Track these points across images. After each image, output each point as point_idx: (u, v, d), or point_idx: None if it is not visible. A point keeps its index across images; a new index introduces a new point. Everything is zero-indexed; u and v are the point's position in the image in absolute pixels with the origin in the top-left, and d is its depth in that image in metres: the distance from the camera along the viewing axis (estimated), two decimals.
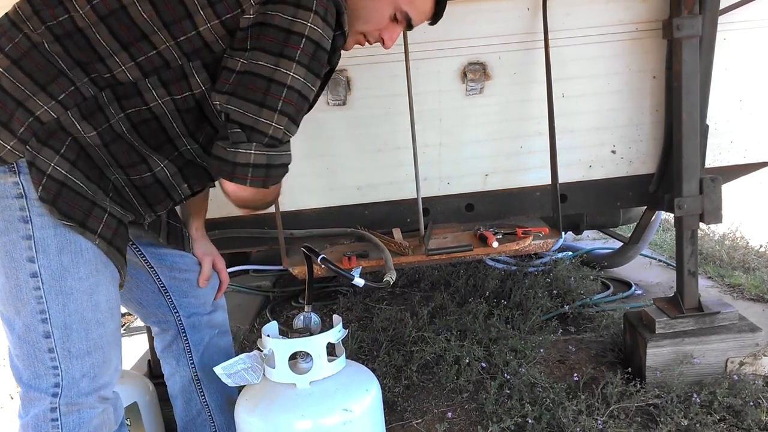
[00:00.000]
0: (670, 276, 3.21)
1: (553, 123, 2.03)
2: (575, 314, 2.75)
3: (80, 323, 1.16)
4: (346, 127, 2.07)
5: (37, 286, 1.13)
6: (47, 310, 1.14)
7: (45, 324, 1.14)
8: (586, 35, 2.03)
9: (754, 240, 3.67)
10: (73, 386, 1.17)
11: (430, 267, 3.24)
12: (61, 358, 1.16)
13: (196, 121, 1.19)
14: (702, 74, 1.95)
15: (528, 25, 2.02)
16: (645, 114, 2.13)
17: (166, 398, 1.79)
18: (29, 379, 1.17)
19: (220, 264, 1.63)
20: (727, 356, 2.01)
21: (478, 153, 2.13)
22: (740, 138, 2.20)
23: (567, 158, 2.11)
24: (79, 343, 1.16)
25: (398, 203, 2.15)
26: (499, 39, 2.02)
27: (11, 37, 1.11)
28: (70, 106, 1.10)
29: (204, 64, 1.13)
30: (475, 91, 2.05)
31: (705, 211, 2.01)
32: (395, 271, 1.73)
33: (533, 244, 2.03)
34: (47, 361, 1.15)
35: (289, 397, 1.37)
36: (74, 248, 1.14)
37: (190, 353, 1.57)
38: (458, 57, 2.03)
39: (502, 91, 2.07)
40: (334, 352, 1.46)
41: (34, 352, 1.15)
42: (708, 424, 1.78)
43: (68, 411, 1.17)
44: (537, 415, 1.88)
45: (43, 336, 1.14)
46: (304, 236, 2.12)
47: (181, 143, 1.22)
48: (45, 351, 1.15)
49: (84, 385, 1.18)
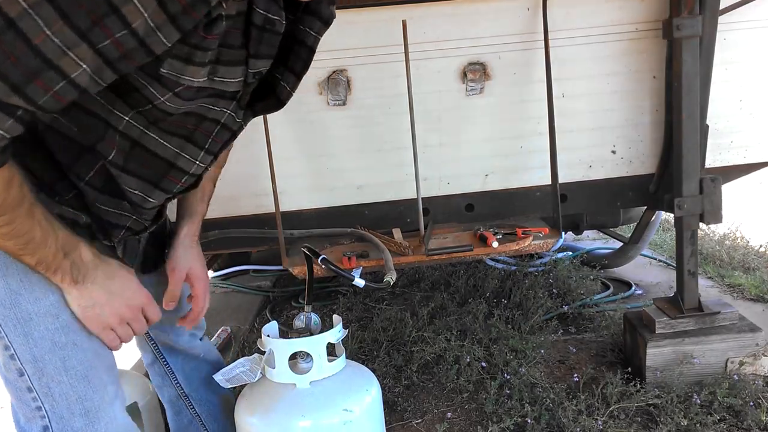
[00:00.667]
0: (670, 276, 3.21)
1: (553, 123, 2.03)
2: (575, 314, 2.75)
3: (52, 352, 0.98)
4: (346, 127, 2.07)
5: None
6: (11, 345, 0.97)
7: (14, 360, 0.97)
8: (586, 35, 2.03)
9: (755, 240, 3.67)
10: (66, 428, 1.00)
11: (430, 267, 3.25)
12: (42, 397, 0.99)
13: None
14: (702, 74, 1.95)
15: (528, 25, 2.02)
16: (645, 114, 2.14)
17: None
18: (24, 422, 1.02)
19: (198, 286, 1.30)
20: (728, 356, 2.01)
21: (478, 153, 2.13)
22: (740, 138, 2.20)
23: (567, 158, 2.11)
24: (58, 376, 0.98)
25: (398, 203, 2.15)
26: (499, 39, 2.02)
27: None
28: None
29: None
30: (475, 91, 2.05)
31: (705, 211, 2.01)
32: (395, 272, 1.73)
33: (533, 244, 2.03)
34: (30, 402, 0.99)
35: (289, 397, 1.37)
36: (19, 267, 0.94)
37: (173, 374, 1.43)
38: (458, 57, 2.03)
39: (502, 91, 2.07)
40: (334, 352, 1.46)
41: (16, 392, 1.00)
42: (708, 424, 1.78)
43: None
44: (537, 415, 1.88)
45: (18, 374, 0.98)
46: (304, 236, 2.12)
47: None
48: (25, 390, 0.99)
49: (78, 425, 1.01)
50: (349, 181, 2.13)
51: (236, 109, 1.06)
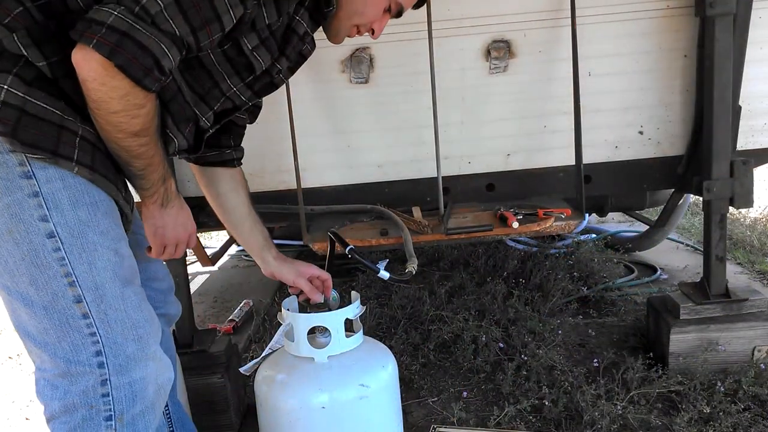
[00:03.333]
0: (697, 261, 3.15)
1: (579, 102, 1.99)
2: (597, 298, 2.72)
3: (112, 281, 1.05)
4: (368, 105, 2.06)
5: (57, 246, 1.00)
6: (73, 272, 1.01)
7: (73, 287, 1.02)
8: (615, 12, 1.97)
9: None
10: (119, 353, 1.05)
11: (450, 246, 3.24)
12: (98, 323, 1.03)
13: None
14: (735, 53, 1.88)
15: (554, 1, 1.97)
16: (675, 94, 2.07)
17: (190, 368, 1.84)
18: (67, 352, 1.03)
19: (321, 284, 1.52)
20: (755, 344, 1.97)
21: (500, 132, 2.10)
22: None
23: (592, 138, 2.07)
24: (116, 303, 1.05)
25: (418, 182, 2.14)
26: (524, 16, 1.97)
27: None
28: (18, 28, 0.98)
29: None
30: (499, 69, 2.02)
31: (735, 194, 1.95)
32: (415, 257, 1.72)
33: (555, 225, 2.00)
34: (83, 328, 1.03)
35: (307, 370, 1.39)
36: (88, 200, 1.03)
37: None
38: (482, 35, 1.99)
39: (526, 69, 2.03)
40: (351, 328, 1.48)
41: (66, 320, 1.02)
42: (732, 412, 1.75)
43: (119, 383, 1.05)
44: (554, 397, 1.88)
45: (74, 301, 1.02)
46: (324, 212, 2.13)
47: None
48: (79, 317, 1.03)
49: (131, 350, 1.06)
50: (370, 159, 2.12)
51: (243, 89, 1.26)
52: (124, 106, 0.97)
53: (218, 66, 1.18)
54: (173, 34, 0.97)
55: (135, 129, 1.01)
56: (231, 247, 3.76)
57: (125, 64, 0.93)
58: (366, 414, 1.38)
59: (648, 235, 3.25)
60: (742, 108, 2.00)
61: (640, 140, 2.12)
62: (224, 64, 1.18)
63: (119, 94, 0.96)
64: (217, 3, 1.00)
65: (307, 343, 1.41)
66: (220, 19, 1.02)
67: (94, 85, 0.95)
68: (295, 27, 1.20)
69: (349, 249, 1.51)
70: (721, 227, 2.01)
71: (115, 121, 0.99)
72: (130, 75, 0.94)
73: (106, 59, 0.92)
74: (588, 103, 2.02)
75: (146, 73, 0.95)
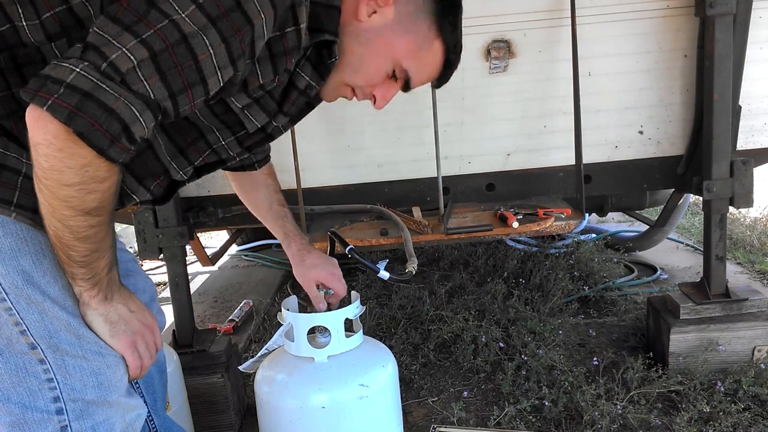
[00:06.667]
0: (698, 261, 3.15)
1: (579, 102, 1.99)
2: (597, 297, 2.72)
3: (67, 329, 0.94)
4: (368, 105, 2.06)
5: (2, 297, 0.90)
6: (23, 322, 0.91)
7: (25, 336, 0.92)
8: (615, 12, 1.97)
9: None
10: (77, 398, 0.96)
11: (450, 246, 3.24)
12: (56, 369, 0.94)
13: None
14: (735, 53, 1.88)
15: (554, 1, 1.96)
16: (675, 94, 2.07)
17: (190, 368, 1.84)
18: (22, 396, 0.93)
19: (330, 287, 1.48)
20: (755, 344, 1.97)
21: (500, 132, 2.10)
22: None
23: (592, 138, 2.07)
24: (72, 350, 0.94)
25: (418, 182, 2.14)
26: (524, 16, 1.98)
27: None
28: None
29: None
30: (499, 69, 2.02)
31: (735, 194, 1.95)
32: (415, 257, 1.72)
33: (554, 225, 2.00)
34: (40, 374, 0.93)
35: (306, 370, 1.39)
36: (33, 249, 0.92)
37: None
38: (482, 34, 1.99)
39: (526, 69, 2.03)
40: (351, 328, 1.48)
41: (24, 365, 0.93)
42: (731, 412, 1.75)
43: (82, 428, 0.96)
44: (554, 397, 1.87)
45: (29, 348, 0.93)
46: (324, 212, 2.13)
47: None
48: (35, 363, 0.93)
49: (91, 396, 0.97)
50: (370, 159, 2.12)
51: (233, 145, 1.13)
52: (82, 179, 0.81)
53: (204, 120, 1.05)
54: (147, 97, 0.81)
55: (89, 207, 0.84)
56: (231, 247, 3.77)
57: (86, 130, 0.77)
58: (366, 414, 1.38)
59: (648, 235, 3.25)
60: (742, 108, 2.00)
61: (640, 140, 2.12)
62: (211, 118, 1.06)
63: (78, 164, 0.80)
64: (203, 63, 0.84)
65: (307, 343, 1.41)
66: (205, 81, 0.86)
67: (49, 150, 0.79)
68: (295, 80, 1.04)
69: (349, 249, 1.51)
70: (721, 227, 2.01)
71: (66, 196, 0.82)
72: (91, 143, 0.78)
73: (63, 125, 0.77)
74: (588, 103, 2.02)
75: (112, 141, 0.80)
